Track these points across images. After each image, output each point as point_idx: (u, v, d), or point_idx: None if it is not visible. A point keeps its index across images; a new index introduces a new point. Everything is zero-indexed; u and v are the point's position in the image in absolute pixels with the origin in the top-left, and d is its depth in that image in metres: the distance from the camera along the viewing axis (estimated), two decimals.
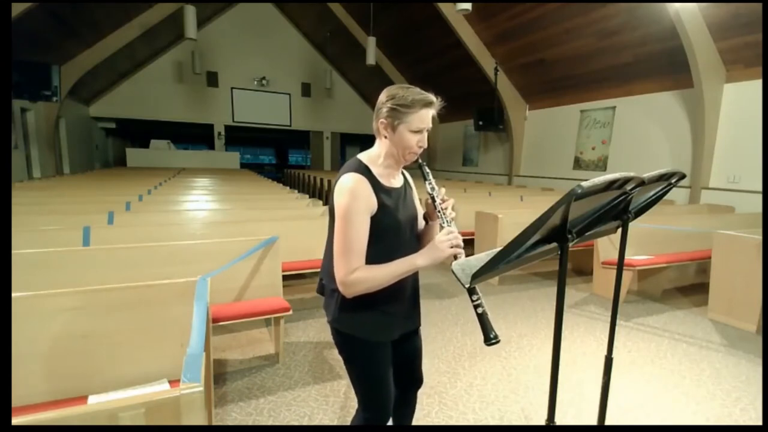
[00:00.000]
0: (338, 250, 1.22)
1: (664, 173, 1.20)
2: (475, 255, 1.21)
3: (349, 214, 1.20)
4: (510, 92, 9.63)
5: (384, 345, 1.36)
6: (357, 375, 1.39)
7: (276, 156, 24.83)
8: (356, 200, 1.21)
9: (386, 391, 1.38)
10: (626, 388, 2.57)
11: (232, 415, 2.23)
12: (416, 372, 1.56)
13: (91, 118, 13.05)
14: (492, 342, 1.17)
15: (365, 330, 1.32)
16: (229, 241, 2.88)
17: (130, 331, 1.83)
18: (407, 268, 1.23)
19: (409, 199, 1.40)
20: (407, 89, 1.25)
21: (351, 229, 1.20)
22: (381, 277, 1.22)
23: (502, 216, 4.52)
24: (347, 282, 1.21)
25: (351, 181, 1.22)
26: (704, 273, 4.70)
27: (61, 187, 6.10)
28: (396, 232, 1.31)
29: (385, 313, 1.34)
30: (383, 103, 1.26)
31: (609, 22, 6.71)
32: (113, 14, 8.91)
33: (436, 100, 1.26)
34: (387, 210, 1.27)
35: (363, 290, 1.23)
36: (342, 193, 1.22)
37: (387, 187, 1.30)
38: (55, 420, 0.99)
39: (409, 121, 1.23)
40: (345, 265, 1.21)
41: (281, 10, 14.95)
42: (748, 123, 5.79)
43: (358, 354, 1.36)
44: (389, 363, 1.39)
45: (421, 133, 1.26)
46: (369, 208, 1.24)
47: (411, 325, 1.45)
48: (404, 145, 1.26)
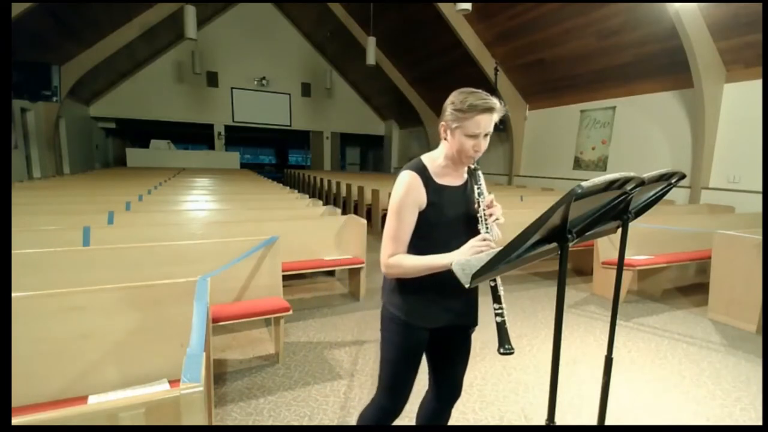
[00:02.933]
0: (385, 235, 1.35)
1: (664, 173, 1.20)
2: (476, 255, 1.21)
3: (398, 205, 1.32)
4: (510, 92, 9.63)
5: (420, 330, 1.40)
6: (389, 353, 1.45)
7: (276, 156, 24.84)
8: (406, 194, 1.31)
9: (410, 378, 1.45)
10: (626, 388, 2.57)
11: (232, 415, 2.23)
12: (457, 376, 1.54)
13: (91, 118, 13.06)
14: (505, 352, 1.22)
15: (404, 311, 1.40)
16: (229, 241, 2.88)
17: (130, 331, 1.83)
18: (438, 265, 1.28)
19: (468, 198, 1.42)
20: (469, 94, 1.25)
21: (397, 219, 1.32)
22: (412, 266, 1.31)
23: None
24: (386, 264, 1.35)
25: (405, 177, 1.33)
26: (704, 273, 4.70)
27: (61, 187, 6.10)
28: (444, 227, 1.36)
29: (430, 300, 1.39)
30: (446, 106, 1.30)
31: (609, 22, 6.71)
32: (113, 14, 8.92)
33: (498, 105, 1.26)
34: (436, 206, 1.34)
35: (397, 274, 1.36)
36: (397, 186, 1.34)
37: (441, 185, 1.36)
38: (55, 420, 0.99)
39: (465, 125, 1.25)
40: (387, 249, 1.34)
41: (281, 10, 14.96)
42: (748, 123, 5.79)
43: (392, 332, 1.43)
44: (419, 352, 1.44)
45: (477, 138, 1.27)
46: (417, 203, 1.32)
47: (457, 320, 1.44)
48: (460, 148, 1.30)
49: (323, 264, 3.81)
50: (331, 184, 9.56)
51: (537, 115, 9.67)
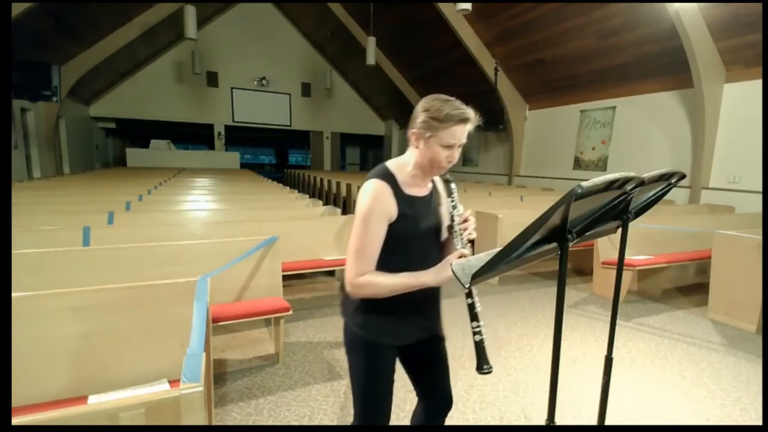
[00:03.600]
0: (351, 251, 1.24)
1: (664, 173, 1.20)
2: (476, 255, 1.21)
3: (366, 217, 1.22)
4: (510, 92, 9.62)
5: (389, 349, 1.35)
6: (357, 376, 1.37)
7: (276, 156, 24.84)
8: (374, 205, 1.22)
9: (386, 399, 1.37)
10: (626, 388, 2.57)
11: (232, 415, 2.23)
12: (440, 386, 1.46)
13: (91, 118, 13.05)
14: (484, 371, 1.18)
15: (373, 331, 1.32)
16: (229, 241, 2.88)
17: (130, 331, 1.83)
18: (414, 284, 1.22)
19: (435, 208, 1.38)
20: (444, 102, 1.22)
21: (365, 233, 1.22)
22: (386, 286, 1.23)
23: (502, 216, 4.52)
24: (354, 283, 1.24)
25: (372, 187, 1.24)
26: (704, 273, 4.70)
27: (61, 187, 6.10)
28: (415, 240, 1.30)
29: (400, 319, 1.33)
30: (419, 113, 1.24)
31: (609, 22, 6.71)
32: (113, 14, 8.91)
33: (474, 116, 1.23)
34: (407, 218, 1.27)
35: (367, 294, 1.25)
36: (363, 197, 1.24)
37: (410, 195, 1.29)
38: (55, 420, 1.00)
39: (440, 135, 1.20)
40: (355, 266, 1.23)
41: (281, 10, 14.95)
42: (748, 123, 5.79)
43: (361, 355, 1.35)
44: (391, 371, 1.37)
45: (452, 148, 1.23)
46: (387, 215, 1.24)
47: (424, 333, 1.40)
48: (433, 158, 1.24)
49: (323, 264, 3.81)
50: (331, 184, 9.56)
51: (537, 115, 9.67)
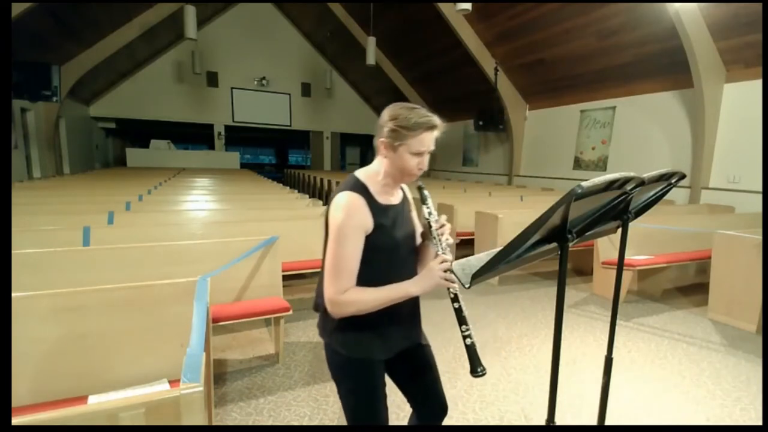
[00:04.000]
0: (329, 268, 1.19)
1: (664, 173, 1.20)
2: (476, 255, 1.21)
3: (342, 232, 1.18)
4: (510, 92, 9.62)
5: (376, 364, 1.32)
6: (351, 398, 1.33)
7: (276, 156, 24.84)
8: (350, 219, 1.18)
9: (379, 419, 1.33)
10: (626, 388, 2.57)
11: (232, 415, 2.23)
12: (433, 393, 1.42)
13: (91, 118, 13.05)
14: (478, 375, 1.17)
15: (358, 349, 1.28)
16: (229, 241, 2.88)
17: (130, 331, 1.83)
18: (399, 295, 1.20)
19: (407, 216, 1.37)
20: (411, 110, 1.21)
21: (343, 248, 1.18)
22: (371, 301, 1.19)
23: (502, 216, 4.52)
24: (336, 302, 1.19)
25: (346, 200, 1.20)
26: (704, 273, 4.70)
27: (61, 187, 6.10)
28: (392, 251, 1.28)
29: (378, 332, 1.30)
30: (385, 122, 1.22)
31: (609, 22, 6.71)
32: (113, 14, 8.91)
33: (441, 123, 1.23)
34: (383, 229, 1.24)
35: (351, 312, 1.20)
36: (337, 210, 1.19)
37: (384, 205, 1.27)
38: (55, 420, 1.00)
39: (409, 143, 1.20)
40: (335, 284, 1.18)
41: (281, 10, 14.95)
42: (748, 123, 5.79)
43: (356, 375, 1.31)
44: (382, 386, 1.34)
45: (422, 155, 1.23)
46: (363, 228, 1.20)
47: (407, 342, 1.39)
48: (403, 166, 1.23)
49: None
50: (331, 184, 9.56)
51: (537, 115, 9.67)
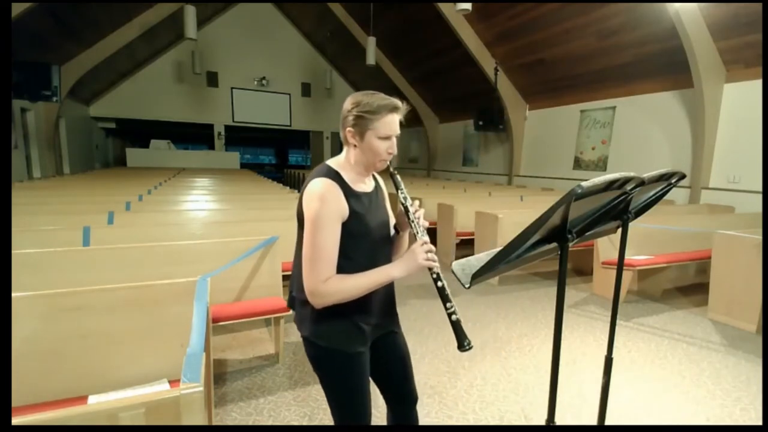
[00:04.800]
0: (308, 258, 1.17)
1: (664, 173, 1.20)
2: (475, 255, 1.21)
3: (319, 220, 1.15)
4: (510, 92, 9.62)
5: (362, 355, 1.31)
6: (335, 390, 1.33)
7: (276, 156, 24.85)
8: (326, 206, 1.16)
9: (364, 408, 1.33)
10: (626, 388, 2.57)
11: (232, 415, 2.23)
12: (404, 382, 1.44)
13: (91, 118, 13.05)
14: (465, 349, 1.17)
15: (342, 341, 1.27)
16: (229, 241, 2.88)
17: (130, 331, 1.83)
18: (382, 279, 1.20)
19: (381, 204, 1.37)
20: (372, 95, 1.22)
21: (321, 236, 1.16)
22: (354, 287, 1.18)
23: (502, 216, 4.52)
24: (318, 292, 1.17)
25: (321, 187, 1.18)
26: (704, 273, 4.70)
27: (61, 187, 6.10)
28: (368, 238, 1.27)
29: (359, 322, 1.29)
30: (348, 111, 1.22)
31: (609, 22, 6.71)
32: (113, 14, 8.91)
33: (402, 104, 1.24)
34: (358, 216, 1.23)
35: (334, 301, 1.18)
36: (311, 199, 1.17)
37: (358, 192, 1.27)
38: (55, 420, 0.99)
39: (376, 127, 1.20)
40: (315, 274, 1.16)
41: (281, 10, 14.96)
42: (748, 123, 5.79)
43: (338, 367, 1.29)
44: (367, 374, 1.35)
45: (390, 139, 1.23)
46: (340, 214, 1.19)
47: (380, 331, 1.39)
48: (374, 152, 1.23)
49: None
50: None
51: (537, 115, 9.67)
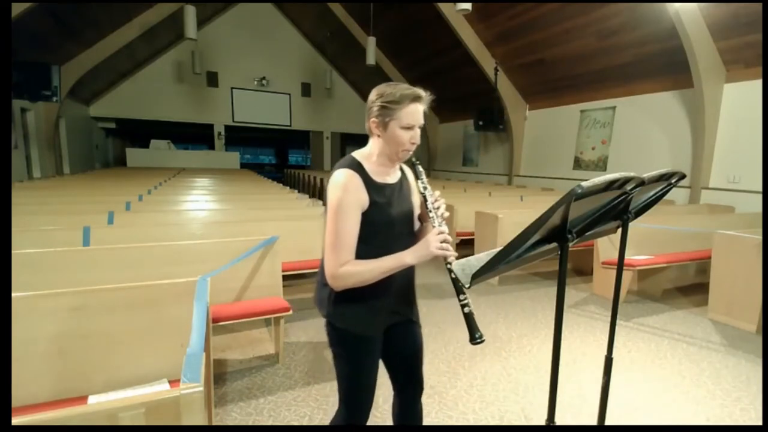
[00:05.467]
0: (328, 243, 1.24)
1: (664, 173, 1.20)
2: (475, 255, 1.21)
3: (339, 208, 1.22)
4: (510, 92, 9.62)
5: (374, 339, 1.38)
6: (343, 369, 1.40)
7: (276, 156, 24.82)
8: (346, 195, 1.23)
9: (368, 390, 1.41)
10: (626, 388, 2.57)
11: (232, 415, 2.23)
12: (414, 371, 1.51)
13: (91, 118, 13.04)
14: (477, 342, 1.19)
15: (352, 322, 1.34)
16: (229, 241, 2.88)
17: (130, 331, 1.83)
18: (395, 265, 1.24)
19: (405, 196, 1.40)
20: (395, 86, 1.26)
21: (341, 223, 1.23)
22: (368, 271, 1.23)
23: (502, 216, 4.52)
24: (336, 275, 1.24)
25: (342, 177, 1.25)
26: (704, 273, 4.70)
27: (61, 187, 6.10)
28: (388, 228, 1.32)
29: (373, 307, 1.34)
30: (373, 102, 1.27)
31: (609, 22, 6.71)
32: (113, 14, 8.91)
33: (425, 94, 1.27)
34: (378, 206, 1.28)
35: (351, 284, 1.25)
36: (333, 188, 1.24)
37: (379, 183, 1.31)
38: (55, 420, 1.00)
39: (399, 117, 1.24)
40: (335, 258, 1.23)
41: (281, 10, 14.94)
42: (748, 123, 5.79)
43: (348, 347, 1.37)
44: (377, 359, 1.41)
45: (413, 129, 1.26)
46: (359, 204, 1.25)
47: (398, 318, 1.43)
48: (397, 141, 1.27)
49: None
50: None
51: (537, 115, 9.67)
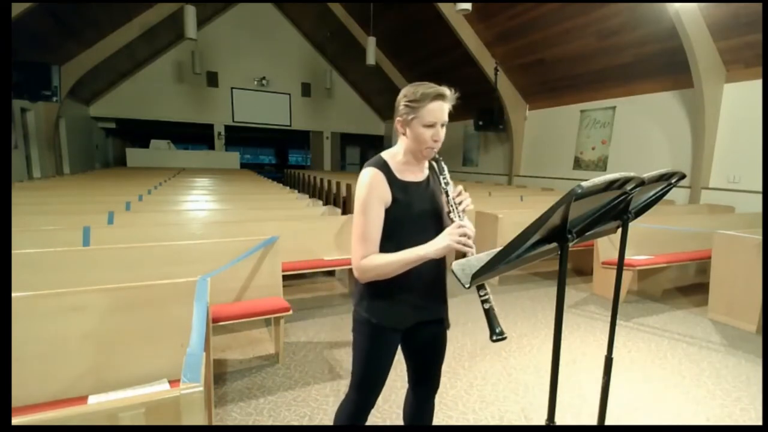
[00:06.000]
0: (354, 237, 1.32)
1: (664, 173, 1.20)
2: (476, 255, 1.21)
3: (363, 204, 1.30)
4: (510, 92, 9.62)
5: (392, 331, 1.41)
6: (358, 355, 1.45)
7: (276, 156, 24.82)
8: (370, 191, 1.30)
9: (378, 379, 1.46)
10: (626, 388, 2.57)
11: (232, 415, 2.23)
12: (432, 371, 1.54)
13: (91, 118, 13.04)
14: (498, 338, 1.18)
15: (378, 315, 1.39)
16: (229, 241, 2.88)
17: (130, 331, 1.83)
18: (414, 257, 1.26)
19: (432, 194, 1.42)
20: (419, 85, 1.29)
21: (364, 218, 1.30)
22: (388, 264, 1.28)
23: (502, 216, 4.52)
24: (359, 267, 1.31)
25: (367, 175, 1.32)
26: (704, 273, 4.70)
27: (61, 187, 6.10)
28: (410, 223, 1.35)
29: (398, 301, 1.38)
30: (399, 101, 1.32)
31: (609, 22, 6.71)
32: (113, 14, 8.91)
33: (449, 92, 1.29)
34: (400, 203, 1.33)
35: (373, 276, 1.31)
36: (359, 185, 1.33)
37: (403, 181, 1.36)
38: (55, 420, 0.99)
39: (421, 115, 1.27)
40: (359, 251, 1.30)
41: (281, 10, 14.94)
42: (748, 123, 5.79)
43: (366, 336, 1.42)
44: (393, 351, 1.44)
45: (435, 127, 1.29)
46: (382, 200, 1.31)
47: (427, 315, 1.45)
48: (420, 139, 1.30)
49: (323, 264, 3.81)
50: (331, 184, 9.55)
51: (537, 115, 9.67)
